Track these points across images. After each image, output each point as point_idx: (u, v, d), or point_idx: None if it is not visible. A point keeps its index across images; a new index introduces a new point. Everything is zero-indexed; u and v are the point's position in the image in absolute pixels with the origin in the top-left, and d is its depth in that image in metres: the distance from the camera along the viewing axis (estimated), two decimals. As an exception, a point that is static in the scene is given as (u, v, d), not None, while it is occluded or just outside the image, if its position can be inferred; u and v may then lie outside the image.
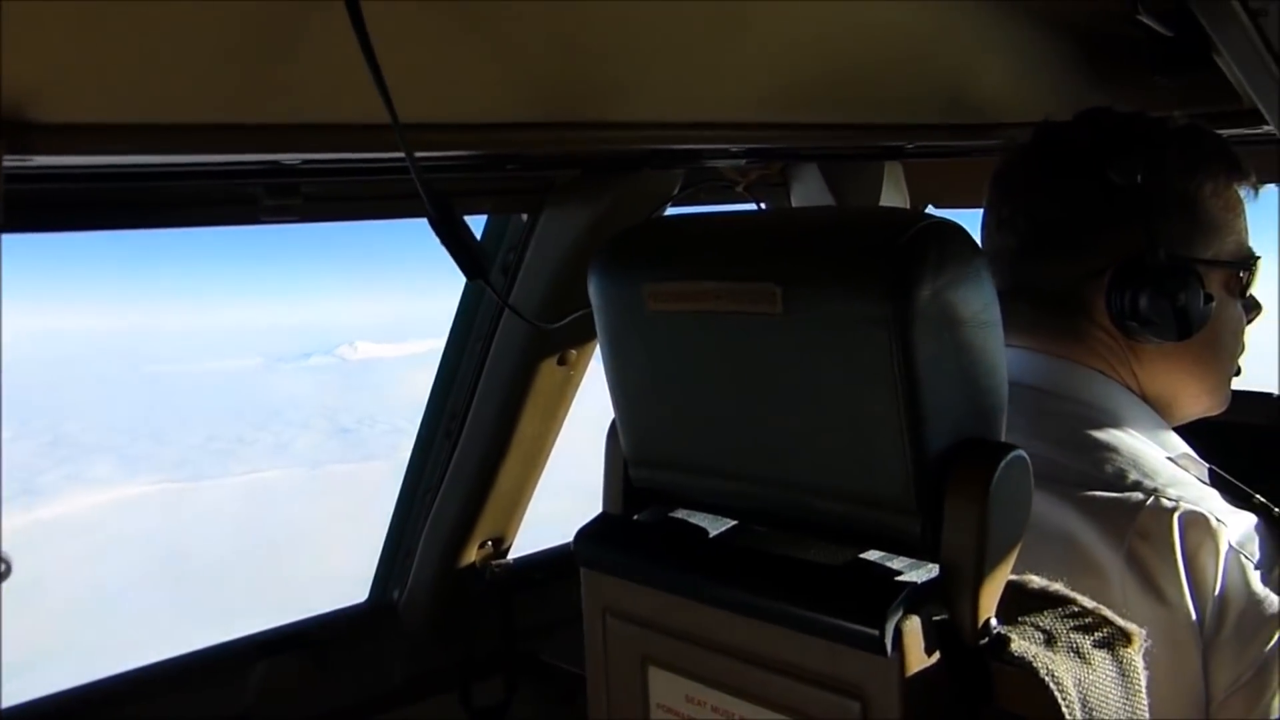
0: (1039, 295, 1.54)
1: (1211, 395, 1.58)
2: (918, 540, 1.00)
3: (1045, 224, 1.51)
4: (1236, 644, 1.28)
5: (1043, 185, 1.52)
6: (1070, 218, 1.49)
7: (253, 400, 67.95)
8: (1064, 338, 1.53)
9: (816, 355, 1.00)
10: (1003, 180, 1.58)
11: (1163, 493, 1.33)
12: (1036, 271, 1.54)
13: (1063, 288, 1.51)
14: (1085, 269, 1.48)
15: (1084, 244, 1.48)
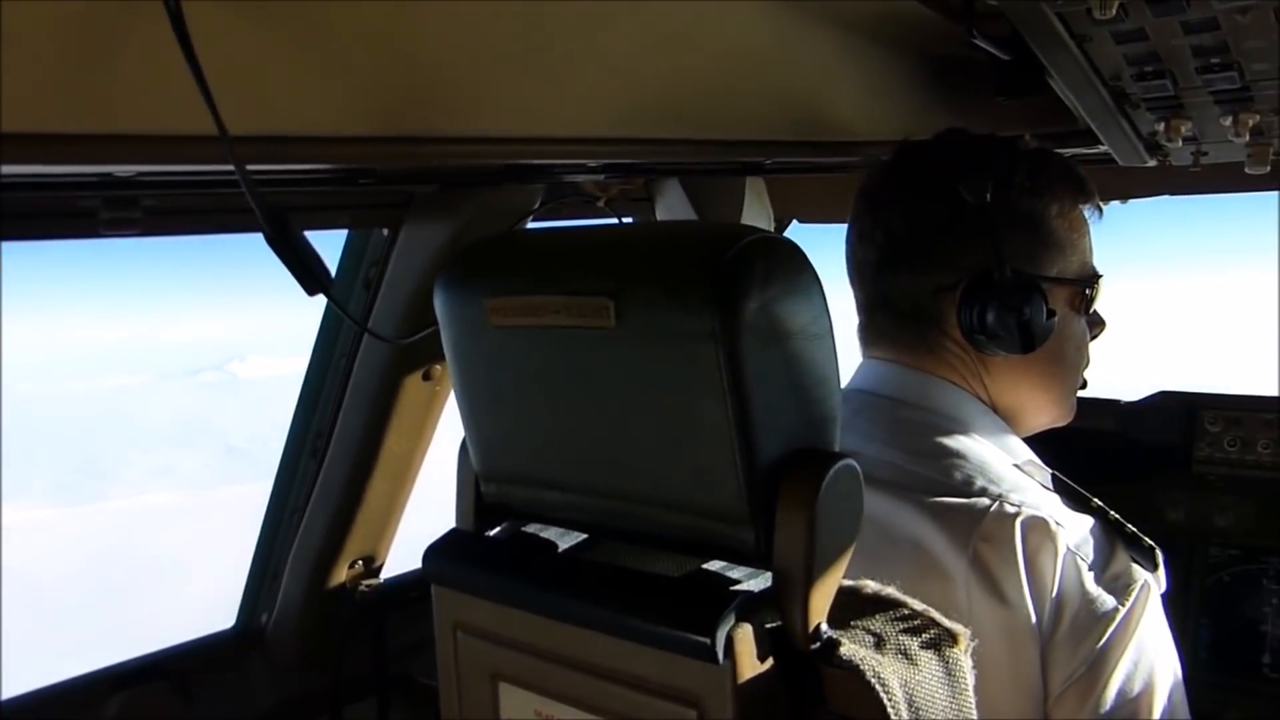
0: (896, 308, 1.59)
1: (1057, 406, 1.65)
2: (752, 550, 1.02)
3: (901, 239, 1.56)
4: (1071, 641, 1.33)
5: (899, 202, 1.57)
6: (923, 233, 1.55)
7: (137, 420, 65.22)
8: (919, 349, 1.58)
9: (649, 369, 1.02)
10: (864, 196, 1.63)
11: (1006, 498, 1.39)
12: (893, 285, 1.59)
13: (917, 301, 1.56)
14: (938, 283, 1.53)
15: (936, 259, 1.54)
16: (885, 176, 1.62)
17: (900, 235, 1.56)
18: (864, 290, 1.65)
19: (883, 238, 1.57)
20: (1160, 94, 1.54)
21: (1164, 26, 1.35)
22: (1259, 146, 1.68)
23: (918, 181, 1.57)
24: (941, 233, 1.53)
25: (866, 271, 1.62)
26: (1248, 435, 2.52)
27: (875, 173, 1.64)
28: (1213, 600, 2.55)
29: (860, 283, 1.65)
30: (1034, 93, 1.69)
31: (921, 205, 1.54)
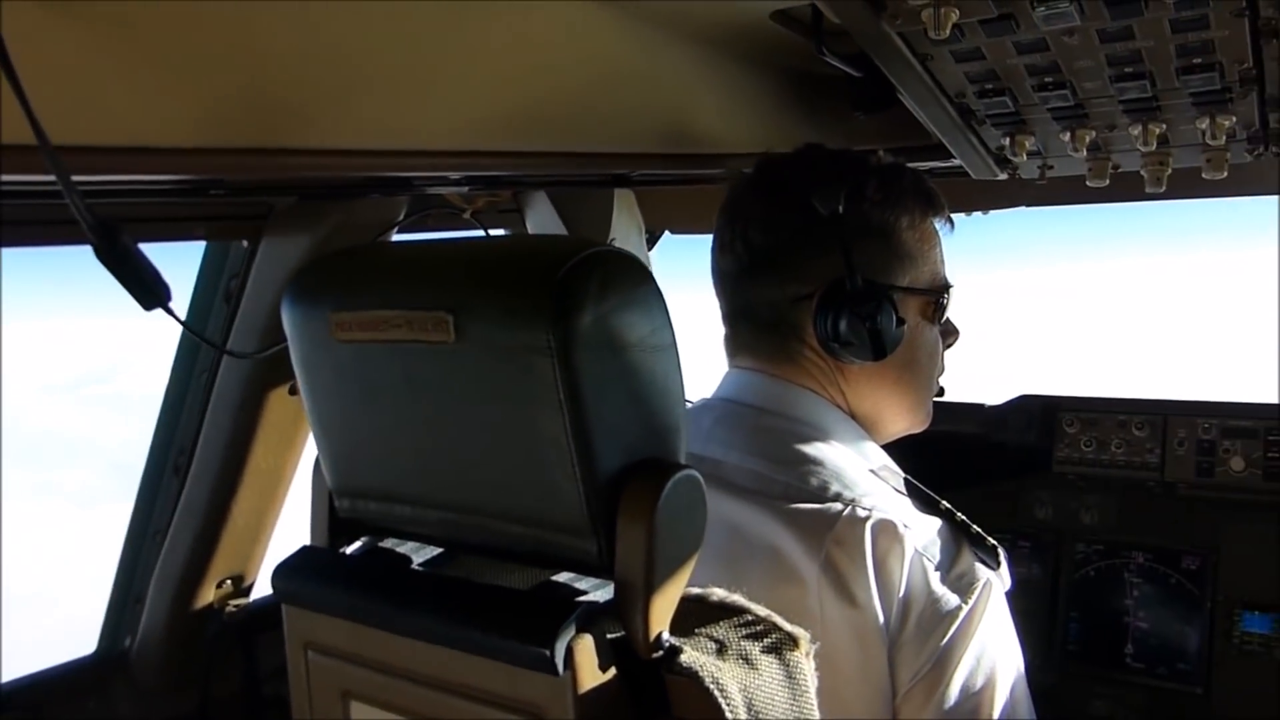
0: (757, 318, 1.63)
1: (913, 413, 1.70)
2: (595, 560, 1.03)
3: (759, 250, 1.59)
4: (917, 640, 1.38)
5: (757, 214, 1.61)
6: (780, 245, 1.58)
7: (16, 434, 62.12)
8: (779, 358, 1.62)
9: (489, 383, 1.02)
10: (726, 208, 1.66)
11: (859, 503, 1.43)
12: (753, 295, 1.62)
13: (776, 311, 1.60)
14: (795, 293, 1.57)
15: (793, 270, 1.57)
16: (745, 189, 1.65)
17: (759, 246, 1.59)
18: (726, 300, 1.68)
19: (742, 249, 1.60)
20: (1002, 110, 1.61)
21: (998, 47, 1.41)
22: (1098, 161, 1.77)
23: (774, 195, 1.60)
24: (797, 244, 1.56)
25: (728, 282, 1.65)
26: (1103, 436, 2.64)
27: (737, 185, 1.67)
28: (1079, 594, 2.66)
29: (723, 293, 1.68)
30: (888, 108, 1.75)
31: (778, 217, 1.58)
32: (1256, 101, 1.51)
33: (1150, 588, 2.59)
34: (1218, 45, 1.35)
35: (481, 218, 1.83)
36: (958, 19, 1.29)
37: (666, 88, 1.68)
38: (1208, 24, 1.30)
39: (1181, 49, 1.37)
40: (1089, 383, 3.10)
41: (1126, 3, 1.24)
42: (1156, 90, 1.49)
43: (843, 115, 1.82)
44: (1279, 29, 1.29)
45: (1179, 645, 2.52)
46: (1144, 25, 1.32)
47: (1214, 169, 1.71)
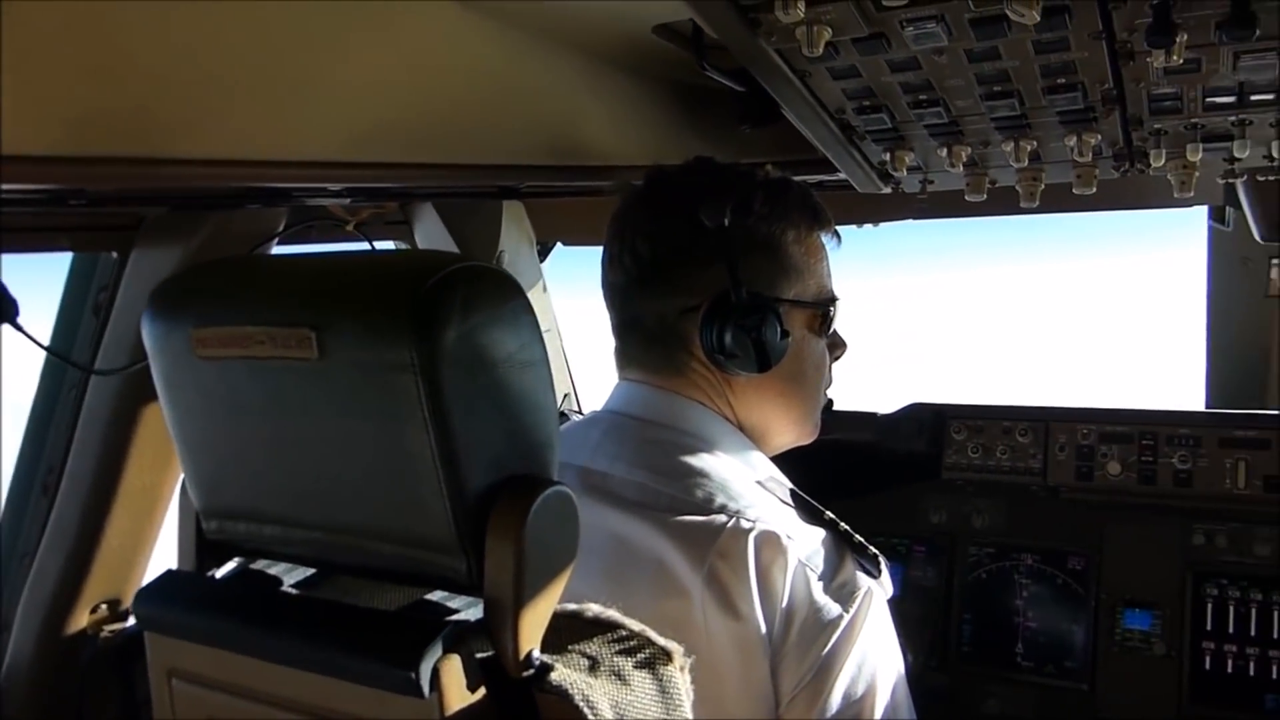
0: (645, 330, 1.63)
1: (799, 426, 1.72)
2: (465, 579, 1.01)
3: (647, 263, 1.59)
4: (799, 649, 1.39)
5: (645, 226, 1.61)
6: (668, 257, 1.58)
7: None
8: (667, 370, 1.62)
9: (354, 400, 1.00)
10: (615, 220, 1.65)
11: (743, 514, 1.43)
12: (641, 307, 1.62)
13: (664, 323, 1.60)
14: (681, 305, 1.57)
15: (680, 282, 1.57)
16: (634, 202, 1.65)
17: (647, 259, 1.59)
18: (616, 313, 1.68)
19: (631, 261, 1.60)
20: (881, 127, 1.65)
21: (873, 65, 1.44)
22: (975, 176, 1.82)
23: (662, 207, 1.60)
24: (684, 257, 1.57)
25: (617, 294, 1.65)
26: (989, 442, 2.71)
27: (626, 198, 1.67)
28: (972, 596, 2.72)
29: (612, 305, 1.68)
30: (773, 122, 1.77)
31: (666, 230, 1.58)
32: (1119, 120, 1.57)
33: (1038, 588, 2.66)
34: (1079, 66, 1.40)
35: (367, 230, 1.80)
36: (831, 37, 1.31)
37: (553, 99, 1.67)
38: (1068, 45, 1.35)
39: (1045, 69, 1.42)
40: (981, 391, 3.24)
41: (990, 24, 1.28)
42: (1025, 109, 1.54)
43: (731, 128, 1.83)
44: (1134, 51, 1.34)
45: (1066, 643, 2.60)
46: (1009, 46, 1.36)
47: (1083, 184, 1.77)
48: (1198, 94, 1.47)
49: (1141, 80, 1.44)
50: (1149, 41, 1.25)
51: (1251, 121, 1.54)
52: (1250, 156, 1.65)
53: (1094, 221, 2.68)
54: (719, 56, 1.57)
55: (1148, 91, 1.47)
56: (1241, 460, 2.44)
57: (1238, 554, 2.46)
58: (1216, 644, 2.43)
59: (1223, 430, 2.47)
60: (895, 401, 2.84)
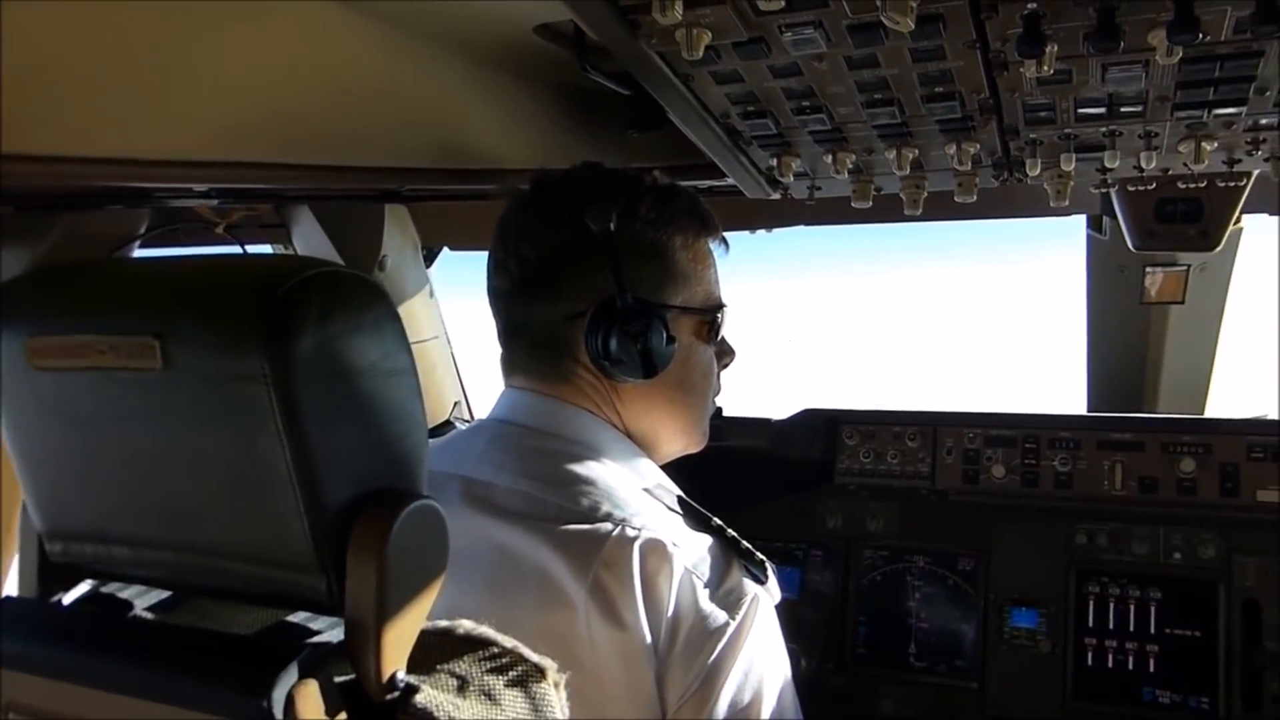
0: (531, 336, 1.60)
1: (687, 433, 1.70)
2: (326, 598, 0.96)
3: (532, 267, 1.56)
4: (685, 659, 1.37)
5: (530, 231, 1.58)
6: (552, 262, 1.55)
7: None
8: (553, 377, 1.59)
9: (202, 413, 0.94)
10: (501, 225, 1.62)
11: (629, 522, 1.41)
12: (526, 313, 1.59)
13: (549, 329, 1.57)
14: (566, 311, 1.55)
15: (565, 287, 1.55)
16: (519, 206, 1.62)
17: (532, 263, 1.56)
18: (501, 319, 1.64)
19: (515, 266, 1.57)
20: (766, 132, 1.65)
21: (755, 70, 1.44)
22: (861, 183, 1.84)
23: (548, 211, 1.58)
24: (570, 262, 1.54)
25: (503, 300, 1.62)
26: (880, 447, 2.75)
27: (512, 202, 1.64)
28: (867, 599, 2.76)
29: (498, 311, 1.64)
30: (661, 127, 1.76)
31: (552, 234, 1.56)
32: (996, 130, 1.60)
33: (930, 589, 2.71)
34: (955, 75, 1.42)
35: (239, 233, 1.72)
36: (711, 40, 1.31)
37: (434, 100, 1.63)
38: (944, 54, 1.36)
39: (924, 78, 1.44)
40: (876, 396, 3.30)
41: (867, 30, 1.29)
42: (905, 117, 1.56)
43: (620, 133, 1.81)
44: (1008, 61, 1.37)
45: (957, 643, 2.65)
46: (887, 54, 1.37)
47: (964, 193, 1.80)
48: (1070, 105, 1.50)
49: (1016, 90, 1.46)
50: (1020, 52, 1.27)
51: (1121, 133, 1.58)
52: (1121, 167, 1.70)
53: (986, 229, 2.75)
54: (603, 59, 1.55)
55: (1022, 101, 1.50)
56: (1118, 462, 2.52)
57: (1117, 553, 2.55)
58: (1098, 640, 2.51)
59: (1100, 433, 2.55)
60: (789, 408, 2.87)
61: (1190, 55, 1.32)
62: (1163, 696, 2.43)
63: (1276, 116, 1.50)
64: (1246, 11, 1.19)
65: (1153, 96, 1.46)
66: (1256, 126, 1.54)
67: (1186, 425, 2.51)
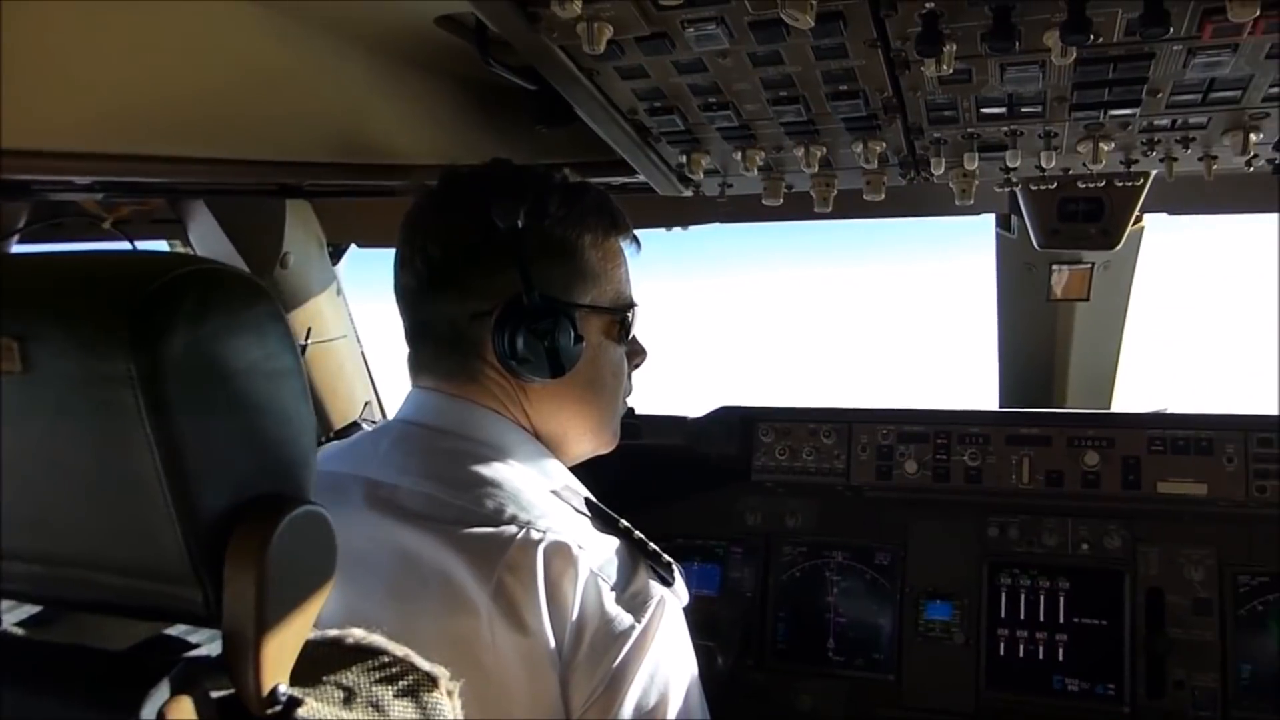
0: (437, 335, 1.56)
1: (597, 434, 1.68)
2: (203, 610, 0.92)
3: (438, 265, 1.53)
4: (590, 662, 1.35)
5: (435, 228, 1.54)
6: (459, 260, 1.52)
7: None
8: (460, 377, 1.56)
9: (68, 417, 0.89)
10: (407, 222, 1.58)
11: (534, 525, 1.39)
12: (433, 312, 1.56)
13: (455, 328, 1.54)
14: (473, 309, 1.52)
15: (471, 285, 1.52)
16: (426, 203, 1.59)
17: (438, 261, 1.53)
18: (408, 317, 1.61)
19: (421, 264, 1.54)
20: (675, 129, 1.64)
21: (659, 65, 1.42)
22: (772, 180, 1.84)
23: (455, 209, 1.55)
24: (477, 260, 1.52)
25: (409, 298, 1.59)
26: (795, 444, 2.77)
27: (419, 199, 1.60)
28: (787, 595, 2.77)
29: (405, 310, 1.61)
30: (569, 123, 1.74)
31: (458, 232, 1.53)
32: (901, 129, 1.61)
33: (848, 584, 2.73)
34: (858, 73, 1.43)
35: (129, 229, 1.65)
36: (613, 35, 1.29)
37: (334, 92, 1.58)
38: (846, 52, 1.36)
39: (827, 76, 1.44)
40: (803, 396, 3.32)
41: (768, 27, 1.28)
42: (811, 114, 1.56)
43: (529, 128, 1.78)
44: (909, 60, 1.37)
45: (874, 637, 2.68)
46: (790, 51, 1.37)
47: (873, 191, 1.81)
48: (971, 104, 1.52)
49: (918, 89, 1.47)
50: (919, 50, 1.27)
51: (1022, 132, 1.61)
52: (1023, 166, 1.72)
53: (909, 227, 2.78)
54: (508, 52, 1.52)
55: (925, 100, 1.51)
56: (1025, 457, 2.57)
57: (1028, 544, 2.60)
58: (1010, 631, 2.56)
59: (1008, 428, 2.60)
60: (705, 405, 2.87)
61: (1085, 56, 1.34)
62: (1071, 684, 2.49)
63: (1170, 118, 1.53)
64: (1136, 13, 1.21)
65: (1051, 97, 1.48)
66: (1151, 128, 1.58)
67: (1090, 420, 2.57)
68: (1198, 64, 1.34)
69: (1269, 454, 2.40)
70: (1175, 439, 2.47)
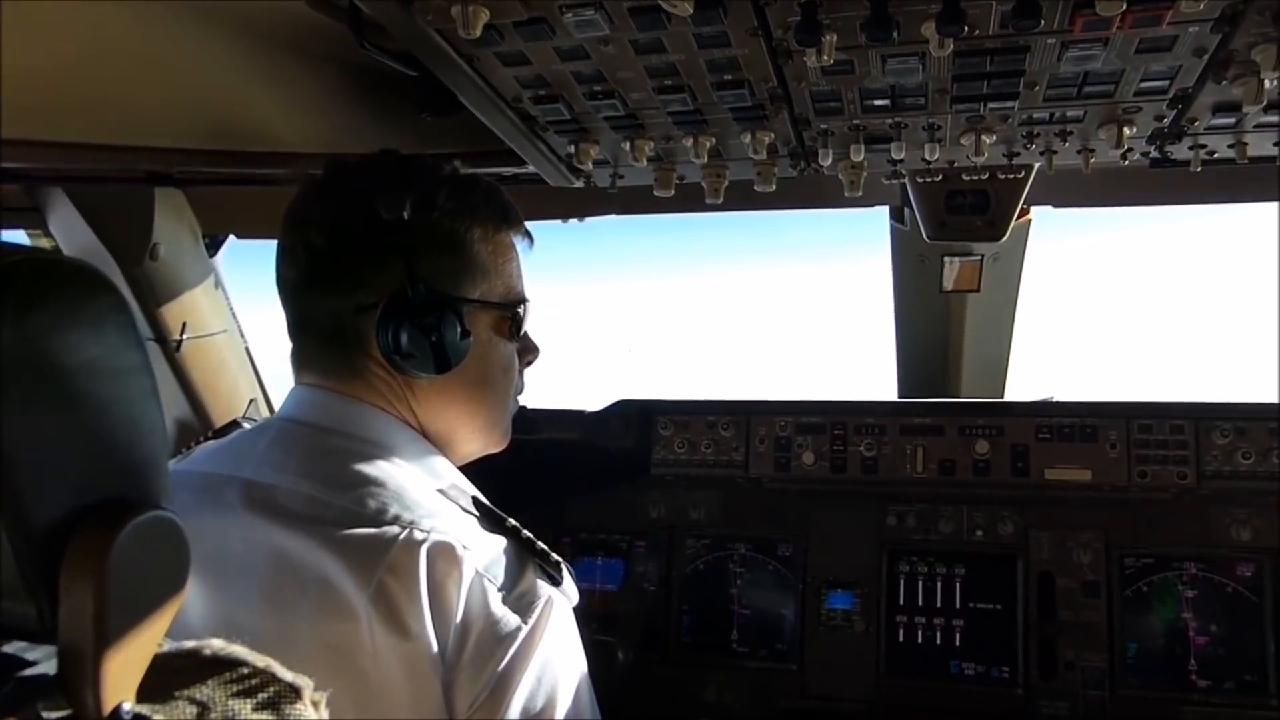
0: (320, 329, 1.51)
1: (486, 433, 1.64)
2: (37, 625, 0.86)
3: (322, 256, 1.47)
4: (475, 666, 1.31)
5: (321, 218, 1.48)
6: (343, 251, 1.47)
7: None
8: (344, 373, 1.51)
9: None
10: (290, 212, 1.52)
11: (418, 525, 1.34)
12: (316, 304, 1.50)
13: (338, 321, 1.48)
14: (357, 302, 1.46)
15: (355, 278, 1.46)
16: (310, 193, 1.53)
17: (322, 252, 1.47)
18: (290, 310, 1.54)
19: (305, 255, 1.48)
20: (561, 118, 1.60)
21: (540, 52, 1.39)
22: (663, 171, 1.82)
23: (341, 199, 1.49)
24: (362, 251, 1.46)
25: (291, 290, 1.52)
26: (694, 437, 2.77)
27: (302, 189, 1.54)
28: (691, 588, 2.78)
29: (287, 302, 1.54)
30: (454, 111, 1.69)
31: (343, 223, 1.47)
32: (789, 119, 1.60)
33: (752, 576, 2.75)
34: (742, 63, 1.41)
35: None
36: (491, 19, 1.25)
37: (204, 76, 1.51)
38: (729, 41, 1.35)
39: (711, 65, 1.42)
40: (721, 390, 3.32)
41: (648, 14, 1.26)
42: (698, 104, 1.54)
43: (412, 117, 1.73)
44: (791, 50, 1.36)
45: (777, 627, 2.70)
46: (672, 39, 1.34)
47: (763, 182, 1.80)
48: (855, 95, 1.52)
49: (802, 80, 1.47)
50: (798, 40, 1.26)
51: (906, 124, 1.62)
52: (909, 158, 1.74)
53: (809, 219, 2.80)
54: (387, 36, 1.47)
55: (810, 91, 1.50)
56: (919, 446, 2.61)
57: (925, 532, 2.65)
58: (909, 617, 2.61)
59: (903, 419, 2.64)
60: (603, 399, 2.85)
61: (963, 49, 1.35)
62: (968, 668, 2.55)
63: (1048, 111, 1.56)
64: (1010, 6, 1.22)
65: (932, 89, 1.49)
66: (1031, 120, 1.60)
67: (980, 409, 2.63)
68: (1071, 57, 1.37)
69: (1149, 439, 2.49)
70: (1061, 426, 2.54)
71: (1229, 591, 2.44)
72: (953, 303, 2.73)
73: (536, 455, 2.04)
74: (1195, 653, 2.42)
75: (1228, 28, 1.28)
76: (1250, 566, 2.44)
